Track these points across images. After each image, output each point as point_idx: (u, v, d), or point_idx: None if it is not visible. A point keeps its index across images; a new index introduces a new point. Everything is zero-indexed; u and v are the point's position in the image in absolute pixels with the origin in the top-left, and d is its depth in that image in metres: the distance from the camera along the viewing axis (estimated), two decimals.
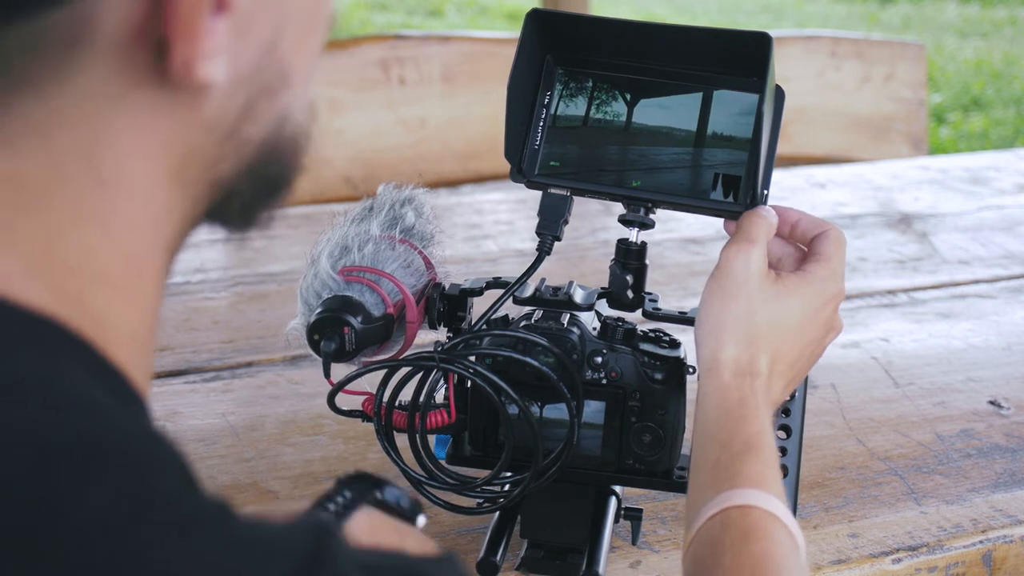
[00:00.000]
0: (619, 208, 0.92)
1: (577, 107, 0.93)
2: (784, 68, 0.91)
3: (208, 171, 0.51)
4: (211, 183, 0.52)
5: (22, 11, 0.43)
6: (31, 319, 0.45)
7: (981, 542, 1.05)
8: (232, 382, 1.30)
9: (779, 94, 0.89)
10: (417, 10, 7.75)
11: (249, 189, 0.54)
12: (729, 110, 0.90)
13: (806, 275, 0.85)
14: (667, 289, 1.59)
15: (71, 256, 0.47)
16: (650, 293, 0.94)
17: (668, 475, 0.94)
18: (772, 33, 0.87)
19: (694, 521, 0.76)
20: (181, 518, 0.42)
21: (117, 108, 0.47)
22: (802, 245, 0.90)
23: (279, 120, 0.53)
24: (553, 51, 0.93)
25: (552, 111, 0.93)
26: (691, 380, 0.93)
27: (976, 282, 1.66)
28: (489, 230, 1.81)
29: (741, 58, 0.88)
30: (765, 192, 0.88)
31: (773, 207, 0.88)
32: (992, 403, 1.30)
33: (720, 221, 0.91)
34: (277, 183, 0.55)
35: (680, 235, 1.80)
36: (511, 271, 0.94)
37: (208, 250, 1.69)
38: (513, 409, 0.89)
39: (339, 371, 0.90)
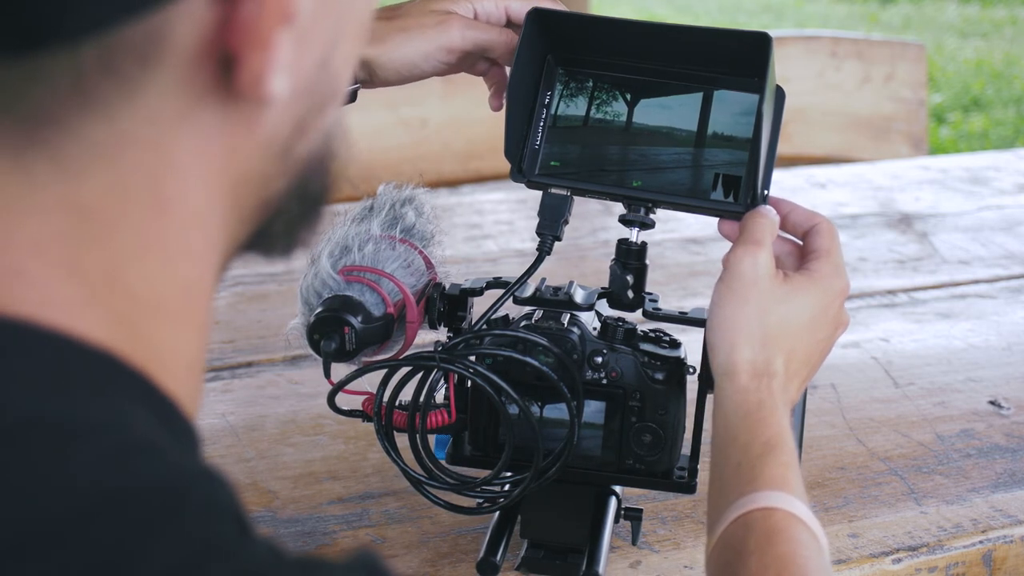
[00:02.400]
0: (619, 208, 0.92)
1: (577, 107, 0.93)
2: (784, 68, 0.92)
3: (260, 191, 0.50)
4: (262, 204, 0.50)
5: (97, 22, 0.41)
6: (90, 355, 0.43)
7: (981, 542, 1.05)
8: (232, 382, 1.30)
9: (779, 94, 0.89)
10: None
11: (296, 208, 0.52)
12: (729, 110, 0.90)
13: (812, 273, 0.85)
14: (667, 289, 1.59)
15: (133, 287, 0.45)
16: (650, 293, 0.94)
17: (668, 475, 0.94)
18: (772, 33, 0.87)
19: (717, 524, 0.76)
20: (241, 570, 0.41)
21: (181, 128, 0.45)
22: (794, 237, 0.90)
23: (325, 135, 0.52)
24: (554, 51, 0.93)
25: (552, 111, 0.93)
26: (691, 380, 0.93)
27: (976, 282, 1.66)
28: (489, 230, 1.81)
29: (741, 58, 0.88)
30: (765, 192, 0.88)
31: (814, 213, 0.89)
32: (992, 403, 1.30)
33: None
34: (318, 199, 0.54)
35: (680, 235, 1.80)
36: (511, 271, 0.94)
37: None
38: (513, 409, 0.89)
39: (339, 371, 0.90)
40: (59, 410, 0.41)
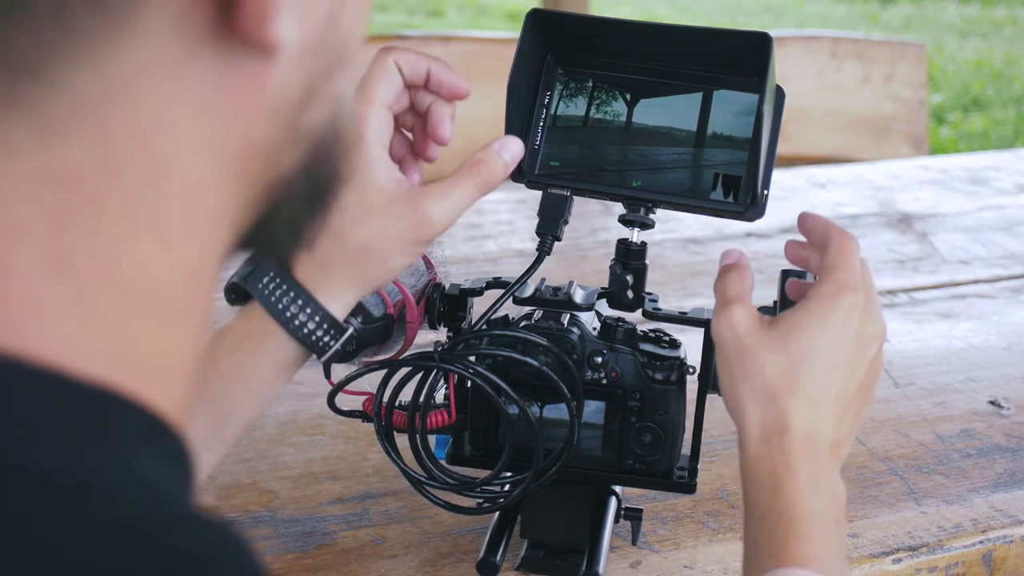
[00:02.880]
0: (619, 208, 0.92)
1: (577, 107, 0.93)
2: (784, 68, 0.91)
3: (269, 166, 0.44)
4: (269, 183, 0.45)
5: None
6: (83, 391, 0.38)
7: (981, 542, 1.05)
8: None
9: (779, 94, 0.89)
10: (418, 10, 7.75)
11: (301, 194, 0.47)
12: (729, 110, 0.90)
13: (805, 303, 0.78)
14: (667, 289, 1.59)
15: (125, 277, 0.40)
16: (650, 293, 0.94)
17: (668, 475, 0.94)
18: (772, 33, 0.87)
19: None
20: None
21: (175, 80, 0.39)
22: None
23: (334, 108, 0.46)
24: (553, 51, 0.93)
25: (552, 111, 0.93)
26: (691, 380, 0.93)
27: (976, 282, 1.66)
28: (489, 230, 1.81)
29: (741, 58, 0.88)
30: (765, 192, 0.88)
31: (801, 214, 0.85)
32: (992, 403, 1.30)
33: (720, 221, 0.91)
34: (324, 189, 0.48)
35: (680, 235, 1.80)
36: (511, 271, 0.94)
37: None
38: (513, 409, 0.89)
39: (339, 371, 0.90)
40: (50, 464, 0.37)
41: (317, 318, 0.81)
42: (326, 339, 0.82)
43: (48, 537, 0.35)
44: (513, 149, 0.85)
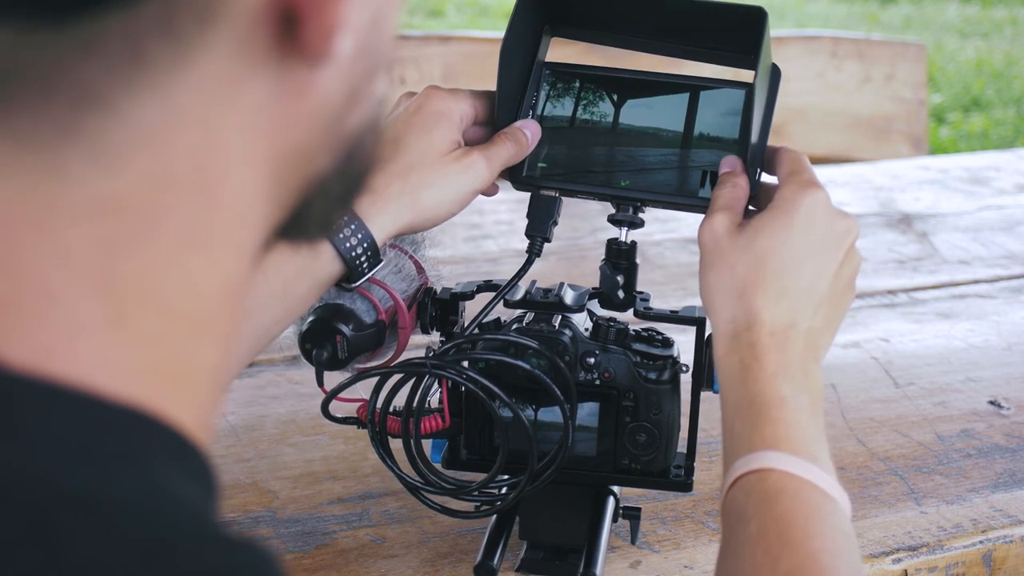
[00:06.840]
0: None
1: (564, 108, 0.93)
2: (785, 68, 0.91)
3: (304, 169, 0.44)
4: (304, 184, 0.45)
5: None
6: (115, 412, 0.38)
7: (981, 542, 1.05)
8: (232, 382, 1.30)
9: (775, 73, 0.89)
10: (418, 10, 7.75)
11: (336, 192, 0.47)
12: (716, 110, 0.90)
13: (770, 208, 0.81)
14: (667, 289, 1.58)
15: (171, 294, 0.39)
16: (641, 292, 0.94)
17: (665, 474, 0.94)
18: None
19: (721, 490, 0.75)
20: None
21: (231, 98, 0.39)
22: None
23: (374, 109, 0.46)
24: (548, 21, 0.93)
25: (540, 112, 0.93)
26: (685, 379, 0.92)
27: (976, 282, 1.66)
28: (489, 230, 1.81)
29: (735, 33, 0.87)
30: (759, 169, 0.87)
31: (773, 147, 0.87)
32: (992, 403, 1.30)
33: None
34: (360, 178, 0.48)
35: (680, 235, 1.80)
36: (511, 271, 0.94)
37: None
38: (507, 413, 0.89)
39: (332, 379, 0.90)
40: (89, 484, 0.36)
41: (365, 244, 0.86)
42: (364, 265, 0.87)
43: (90, 556, 0.35)
44: (531, 128, 0.92)
